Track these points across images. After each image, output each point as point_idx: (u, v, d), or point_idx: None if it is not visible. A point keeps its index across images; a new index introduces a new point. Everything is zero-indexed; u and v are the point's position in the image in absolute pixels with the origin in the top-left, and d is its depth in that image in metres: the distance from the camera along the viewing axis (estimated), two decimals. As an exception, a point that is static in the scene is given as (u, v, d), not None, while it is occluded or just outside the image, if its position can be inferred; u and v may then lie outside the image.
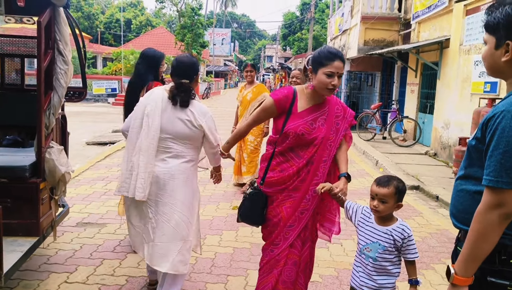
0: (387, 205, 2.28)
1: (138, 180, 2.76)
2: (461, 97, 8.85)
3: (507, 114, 1.45)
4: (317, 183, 2.60)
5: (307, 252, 2.75)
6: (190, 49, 29.10)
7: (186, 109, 2.84)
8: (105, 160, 8.16)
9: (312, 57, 2.64)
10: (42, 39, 2.91)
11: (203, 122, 2.86)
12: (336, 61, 2.52)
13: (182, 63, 2.98)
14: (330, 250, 4.33)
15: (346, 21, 15.93)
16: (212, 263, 3.90)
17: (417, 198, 6.57)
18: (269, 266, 2.70)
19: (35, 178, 3.06)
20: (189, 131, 2.84)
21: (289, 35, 45.57)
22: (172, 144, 2.86)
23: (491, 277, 1.56)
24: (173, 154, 2.87)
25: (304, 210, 2.65)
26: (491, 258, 1.54)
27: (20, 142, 3.92)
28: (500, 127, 1.45)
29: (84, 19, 46.77)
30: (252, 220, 2.78)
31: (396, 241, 2.29)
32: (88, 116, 16.57)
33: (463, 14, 8.97)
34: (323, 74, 2.53)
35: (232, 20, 73.39)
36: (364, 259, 2.37)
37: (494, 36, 1.58)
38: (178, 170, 2.86)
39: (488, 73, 1.71)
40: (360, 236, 2.43)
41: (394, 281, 2.36)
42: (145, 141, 2.78)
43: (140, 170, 2.77)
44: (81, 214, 5.06)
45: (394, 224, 2.33)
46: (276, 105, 2.64)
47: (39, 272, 3.56)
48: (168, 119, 2.83)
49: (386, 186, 2.28)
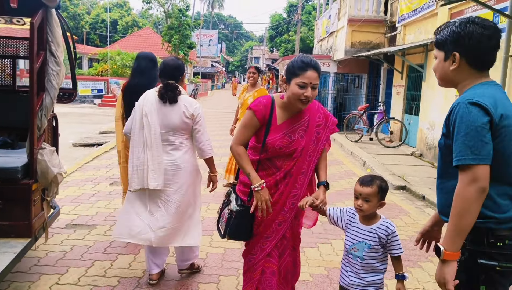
0: (370, 204, 2.35)
1: (149, 172, 3.14)
2: (446, 98, 9.01)
3: (462, 104, 1.69)
4: (295, 195, 2.60)
5: (287, 260, 2.74)
6: (177, 50, 29.01)
7: (177, 104, 3.22)
8: (93, 162, 8.12)
9: (286, 68, 2.53)
10: (34, 40, 2.91)
11: (195, 110, 3.25)
12: (309, 70, 2.41)
13: (168, 65, 3.37)
14: (320, 250, 4.39)
15: (333, 23, 16.07)
16: (204, 263, 3.93)
17: (404, 198, 6.69)
18: (249, 274, 2.72)
19: (27, 179, 3.05)
20: (183, 123, 3.23)
21: (276, 36, 45.75)
22: (172, 137, 3.24)
23: (481, 259, 1.71)
24: (174, 146, 3.26)
25: (282, 222, 2.64)
26: (480, 242, 1.72)
27: (9, 144, 3.90)
28: (459, 116, 1.69)
29: (70, 19, 46.20)
30: (240, 237, 2.73)
31: (381, 238, 2.36)
32: (74, 117, 16.38)
33: (448, 18, 9.14)
34: (296, 85, 2.43)
35: (219, 22, 73.34)
36: (352, 258, 2.43)
37: (443, 51, 1.86)
38: (183, 160, 3.27)
39: (440, 84, 1.97)
40: (347, 237, 2.49)
41: (382, 277, 2.44)
42: (149, 137, 3.16)
43: (149, 163, 3.14)
44: (70, 215, 5.04)
45: (378, 222, 2.41)
46: (257, 117, 2.54)
47: (30, 274, 3.54)
48: (164, 115, 3.21)
49: (369, 185, 2.35)
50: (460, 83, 1.84)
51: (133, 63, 4.42)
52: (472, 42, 1.76)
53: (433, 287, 3.71)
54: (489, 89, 1.76)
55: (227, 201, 2.76)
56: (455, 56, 1.79)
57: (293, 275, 2.85)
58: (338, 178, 7.59)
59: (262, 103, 2.57)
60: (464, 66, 1.80)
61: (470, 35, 1.75)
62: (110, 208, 5.38)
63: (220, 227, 2.74)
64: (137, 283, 3.50)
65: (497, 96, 1.74)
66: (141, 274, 3.66)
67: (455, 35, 1.78)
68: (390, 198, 6.58)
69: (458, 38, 1.78)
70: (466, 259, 1.73)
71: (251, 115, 2.55)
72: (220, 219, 2.76)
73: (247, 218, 2.59)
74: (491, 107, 1.67)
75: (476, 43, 1.76)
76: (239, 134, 2.62)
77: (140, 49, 31.15)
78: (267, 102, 2.57)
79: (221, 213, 2.76)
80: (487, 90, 1.74)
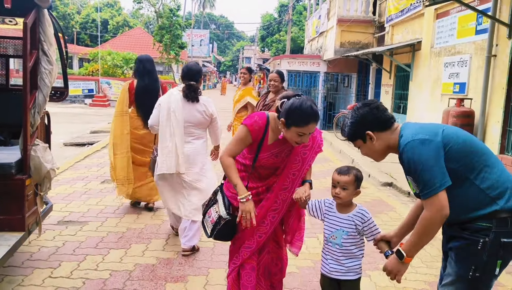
0: (348, 192, 2.52)
1: (179, 157, 3.89)
2: (432, 97, 9.21)
3: (405, 148, 2.04)
4: (276, 209, 2.75)
5: (266, 257, 2.89)
6: (168, 50, 29.00)
7: (198, 103, 3.97)
8: (85, 161, 8.18)
9: (287, 112, 2.47)
10: (27, 40, 3.00)
11: (213, 111, 4.06)
12: (311, 123, 2.47)
13: (192, 70, 4.06)
14: (306, 244, 4.50)
15: (323, 24, 16.25)
16: (194, 257, 4.04)
17: (391, 194, 6.85)
18: (234, 274, 2.86)
19: (20, 174, 3.14)
20: (204, 119, 4.03)
21: (267, 36, 45.82)
22: (193, 130, 4.02)
23: (504, 238, 1.98)
24: (195, 137, 4.05)
25: (263, 234, 2.78)
26: (504, 224, 1.98)
27: (2, 141, 3.98)
28: (406, 160, 2.05)
29: (60, 19, 45.88)
30: (225, 239, 2.89)
31: (357, 225, 2.53)
32: (64, 117, 16.37)
33: (434, 18, 9.34)
34: (296, 133, 2.48)
35: (211, 21, 73.30)
36: (331, 246, 2.59)
37: (358, 139, 2.25)
38: (202, 148, 4.10)
39: (379, 160, 2.32)
40: (325, 226, 2.64)
41: (360, 263, 2.60)
42: (176, 129, 3.90)
43: (178, 151, 3.89)
44: (62, 213, 5.11)
45: (354, 210, 2.58)
46: (252, 136, 2.62)
47: (23, 268, 3.63)
48: (189, 112, 3.95)
49: (346, 174, 2.52)
50: (390, 146, 2.21)
51: (136, 66, 5.07)
52: (369, 117, 2.18)
53: (415, 277, 3.87)
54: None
55: (213, 200, 2.86)
56: (369, 134, 2.19)
57: (276, 273, 2.96)
58: (326, 175, 7.72)
59: (258, 124, 2.62)
60: (380, 134, 2.19)
61: (366, 115, 2.19)
62: (101, 205, 5.47)
63: (206, 225, 2.85)
64: (129, 276, 3.60)
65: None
66: (132, 268, 3.76)
67: (358, 122, 2.20)
68: (376, 194, 6.74)
69: (361, 122, 2.19)
70: (491, 240, 1.98)
71: (246, 133, 2.62)
72: (206, 217, 2.86)
73: (233, 225, 2.73)
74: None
75: (372, 116, 2.18)
76: (231, 147, 2.67)
77: (131, 49, 31.18)
78: (262, 124, 2.63)
79: (207, 210, 2.87)
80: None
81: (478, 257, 2.00)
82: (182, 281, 3.58)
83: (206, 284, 3.54)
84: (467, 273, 2.04)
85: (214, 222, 2.74)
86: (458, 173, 2.00)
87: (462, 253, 2.07)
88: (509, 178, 2.04)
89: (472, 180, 2.01)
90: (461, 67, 8.02)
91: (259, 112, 2.73)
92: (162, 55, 29.56)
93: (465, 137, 2.07)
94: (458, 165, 2.00)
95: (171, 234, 4.59)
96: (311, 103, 2.48)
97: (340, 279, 2.57)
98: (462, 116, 7.21)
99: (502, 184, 2.01)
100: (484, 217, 1.99)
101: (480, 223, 2.00)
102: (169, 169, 3.90)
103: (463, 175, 2.01)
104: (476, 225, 2.01)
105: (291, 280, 3.70)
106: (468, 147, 2.03)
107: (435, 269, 4.03)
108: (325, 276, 2.64)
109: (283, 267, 3.01)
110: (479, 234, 2.00)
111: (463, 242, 2.06)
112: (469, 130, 7.27)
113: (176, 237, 4.44)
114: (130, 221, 4.94)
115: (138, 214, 5.20)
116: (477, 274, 2.02)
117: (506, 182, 2.02)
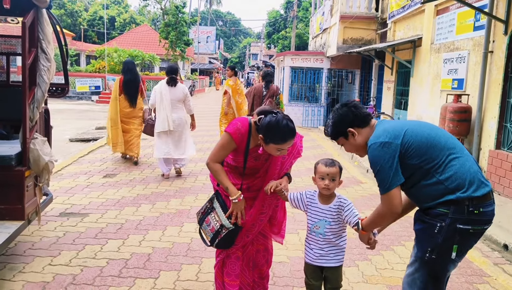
0: (335, 182, 2.66)
1: (169, 121, 6.60)
2: (432, 93, 9.26)
3: (369, 149, 2.29)
4: (262, 212, 2.86)
5: (250, 248, 2.99)
6: (174, 47, 29.16)
7: (177, 87, 6.76)
8: (88, 156, 8.36)
9: (264, 130, 2.57)
10: (26, 38, 3.15)
11: (186, 92, 6.90)
12: (289, 140, 2.57)
13: (172, 68, 6.89)
14: (299, 235, 4.66)
15: (326, 20, 16.29)
16: (188, 247, 4.19)
17: (387, 189, 6.93)
18: (220, 263, 3.00)
19: (20, 166, 3.30)
20: (182, 96, 6.78)
21: (274, 33, 45.86)
22: (176, 104, 6.74)
23: (459, 225, 2.14)
24: (179, 108, 6.81)
25: (250, 234, 2.90)
26: (461, 211, 2.14)
27: (5, 135, 4.14)
28: (369, 159, 2.28)
29: (67, 16, 46.35)
30: (226, 247, 2.93)
31: (339, 214, 2.66)
32: (71, 113, 16.63)
33: (434, 14, 9.38)
34: (274, 148, 2.58)
35: (217, 18, 73.41)
36: (315, 236, 2.73)
37: (341, 137, 2.47)
38: (183, 115, 6.85)
39: (363, 155, 2.48)
40: (308, 217, 2.78)
41: (343, 252, 2.73)
42: (166, 104, 6.63)
43: (168, 118, 6.60)
44: (64, 205, 5.29)
45: (334, 200, 2.71)
46: (235, 142, 2.70)
47: (24, 256, 3.80)
48: (172, 93, 6.71)
49: (333, 166, 2.67)
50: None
51: (122, 67, 7.84)
52: (349, 115, 2.40)
53: (402, 267, 3.98)
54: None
55: (210, 208, 2.90)
56: (351, 131, 2.40)
57: (263, 264, 3.07)
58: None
59: (240, 131, 2.69)
60: (360, 130, 2.41)
61: (346, 114, 2.41)
62: (102, 198, 5.64)
63: (204, 233, 2.93)
64: (125, 264, 3.76)
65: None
66: (129, 257, 3.92)
67: (339, 120, 2.43)
68: (374, 189, 6.83)
69: (341, 120, 2.41)
70: (447, 225, 2.14)
71: (229, 140, 2.70)
72: (203, 225, 2.90)
73: (236, 234, 2.82)
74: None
75: (351, 114, 2.40)
76: (216, 153, 2.75)
77: (137, 46, 31.44)
78: (244, 131, 2.70)
79: (204, 218, 2.90)
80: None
81: (434, 239, 2.18)
82: (176, 269, 3.73)
83: (199, 272, 3.69)
84: (424, 255, 2.23)
85: (214, 231, 2.81)
86: (421, 168, 2.20)
87: (421, 235, 2.26)
88: (469, 170, 2.18)
89: (433, 173, 2.19)
90: (460, 63, 8.08)
91: (241, 118, 2.80)
92: (168, 52, 29.74)
93: (428, 134, 2.25)
94: (419, 161, 2.20)
95: (168, 226, 4.75)
96: (287, 121, 2.58)
97: (324, 266, 2.72)
98: (459, 112, 7.28)
99: (461, 175, 2.15)
100: (443, 204, 2.17)
101: (439, 209, 2.18)
102: (164, 128, 6.64)
103: (425, 169, 2.20)
104: (435, 211, 2.19)
105: (282, 269, 3.83)
106: (429, 143, 2.21)
107: (422, 260, 4.13)
108: (310, 264, 2.77)
109: (269, 259, 3.13)
110: (437, 219, 2.18)
111: (423, 225, 2.26)
112: (466, 126, 7.34)
113: (172, 228, 4.63)
114: (129, 214, 5.10)
115: (138, 207, 5.36)
116: (433, 256, 2.20)
117: (465, 173, 2.16)
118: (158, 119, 6.65)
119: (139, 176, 6.93)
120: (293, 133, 2.60)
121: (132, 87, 7.48)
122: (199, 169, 7.58)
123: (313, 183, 2.77)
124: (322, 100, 16.09)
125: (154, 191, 6.11)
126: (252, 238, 2.95)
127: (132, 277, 3.54)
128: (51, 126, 4.13)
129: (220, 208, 2.83)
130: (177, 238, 4.40)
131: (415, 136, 2.22)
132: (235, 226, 2.77)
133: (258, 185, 2.86)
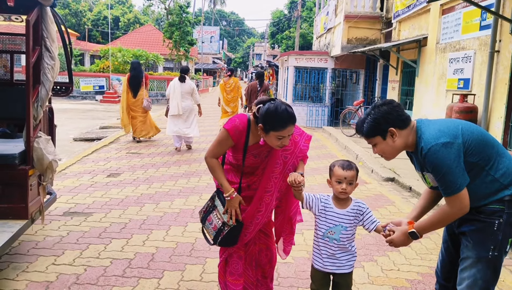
0: (353, 186, 2.54)
1: (179, 107, 9.02)
2: (437, 93, 9.20)
3: (428, 152, 2.16)
4: (259, 211, 2.79)
5: (252, 248, 2.96)
6: (178, 47, 29.17)
7: (186, 82, 9.20)
8: (92, 155, 8.36)
9: (263, 117, 2.52)
10: (30, 36, 3.13)
11: (194, 86, 9.36)
12: (289, 126, 2.50)
13: (183, 69, 9.56)
14: (304, 235, 4.62)
15: (331, 20, 16.23)
16: (192, 247, 4.16)
17: (392, 189, 6.89)
18: (223, 263, 2.97)
19: (24, 165, 3.28)
20: (189, 90, 9.22)
21: (277, 33, 45.80)
22: (186, 95, 9.20)
23: None
24: (187, 99, 9.22)
25: (247, 233, 2.85)
26: None
27: (9, 134, 4.13)
28: (429, 163, 2.17)
29: (72, 16, 46.50)
30: (230, 244, 2.89)
31: (356, 217, 2.56)
32: (75, 113, 16.65)
33: (440, 14, 9.32)
34: (275, 137, 2.52)
35: (221, 18, 73.43)
36: (328, 241, 2.57)
37: (377, 136, 2.31)
38: (191, 104, 9.33)
39: (391, 159, 2.41)
40: (321, 222, 2.61)
41: (355, 257, 2.63)
42: (178, 94, 9.07)
43: (179, 105, 9.04)
44: (68, 204, 5.28)
45: (351, 204, 2.58)
46: (233, 139, 2.67)
47: (28, 256, 3.79)
48: (182, 87, 9.15)
49: (350, 169, 2.54)
50: (408, 143, 2.30)
51: (130, 66, 10.10)
52: (392, 114, 2.26)
53: (408, 268, 3.94)
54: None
55: (212, 206, 2.87)
56: (392, 130, 2.25)
57: (266, 263, 3.02)
58: (329, 171, 7.78)
59: (238, 129, 2.65)
60: (400, 132, 2.28)
61: (389, 112, 2.27)
62: (106, 198, 5.62)
63: (207, 232, 2.89)
64: (129, 264, 3.74)
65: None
66: (133, 256, 3.90)
67: (380, 118, 2.27)
68: (378, 189, 6.80)
69: (384, 118, 2.26)
70: (505, 221, 2.19)
71: (227, 137, 2.66)
72: (206, 223, 2.87)
73: (238, 231, 2.78)
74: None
75: (395, 113, 2.26)
76: (213, 149, 2.73)
77: (141, 46, 31.47)
78: (242, 128, 2.66)
79: (206, 217, 2.87)
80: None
81: (495, 237, 2.21)
82: (180, 269, 3.70)
83: (203, 272, 3.66)
84: (487, 253, 2.23)
85: (217, 229, 2.77)
86: (477, 166, 2.20)
87: (479, 235, 2.25)
88: None
89: (488, 170, 2.20)
90: (466, 63, 8.02)
91: (240, 115, 2.75)
92: (172, 52, 29.75)
93: (478, 131, 2.25)
94: (477, 159, 2.19)
95: (172, 226, 4.73)
96: (286, 106, 2.52)
97: (335, 273, 2.60)
98: (465, 112, 7.22)
99: None
100: (497, 201, 2.21)
101: (493, 206, 2.21)
102: (175, 112, 9.01)
103: (481, 167, 2.20)
104: (490, 208, 2.22)
105: (286, 269, 3.80)
106: (484, 140, 2.22)
107: (428, 261, 4.09)
108: (319, 271, 2.64)
109: (272, 258, 3.06)
110: (494, 216, 2.21)
111: (479, 225, 2.25)
112: (472, 126, 7.27)
113: (176, 228, 4.63)
114: (133, 213, 5.08)
115: (141, 207, 5.34)
116: (496, 253, 2.23)
117: None
118: (171, 106, 9.09)
119: (143, 176, 6.92)
120: (293, 118, 2.52)
121: (135, 82, 9.70)
122: (203, 169, 7.55)
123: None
124: (326, 100, 16.03)
125: (158, 191, 6.10)
126: (251, 237, 2.90)
127: (136, 277, 3.52)
128: (55, 125, 4.11)
129: (222, 206, 2.79)
130: (181, 238, 4.38)
131: (471, 133, 2.20)
132: (237, 223, 2.74)
133: (258, 184, 2.81)
